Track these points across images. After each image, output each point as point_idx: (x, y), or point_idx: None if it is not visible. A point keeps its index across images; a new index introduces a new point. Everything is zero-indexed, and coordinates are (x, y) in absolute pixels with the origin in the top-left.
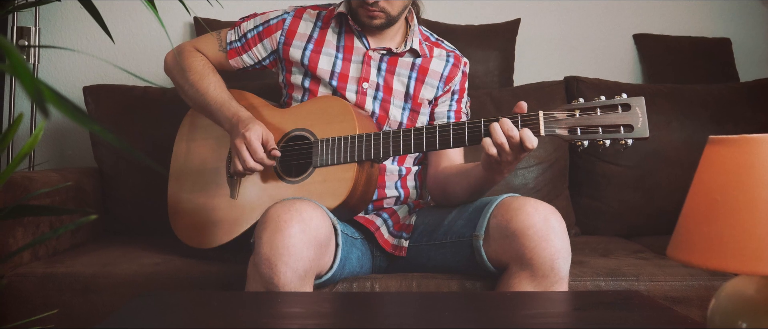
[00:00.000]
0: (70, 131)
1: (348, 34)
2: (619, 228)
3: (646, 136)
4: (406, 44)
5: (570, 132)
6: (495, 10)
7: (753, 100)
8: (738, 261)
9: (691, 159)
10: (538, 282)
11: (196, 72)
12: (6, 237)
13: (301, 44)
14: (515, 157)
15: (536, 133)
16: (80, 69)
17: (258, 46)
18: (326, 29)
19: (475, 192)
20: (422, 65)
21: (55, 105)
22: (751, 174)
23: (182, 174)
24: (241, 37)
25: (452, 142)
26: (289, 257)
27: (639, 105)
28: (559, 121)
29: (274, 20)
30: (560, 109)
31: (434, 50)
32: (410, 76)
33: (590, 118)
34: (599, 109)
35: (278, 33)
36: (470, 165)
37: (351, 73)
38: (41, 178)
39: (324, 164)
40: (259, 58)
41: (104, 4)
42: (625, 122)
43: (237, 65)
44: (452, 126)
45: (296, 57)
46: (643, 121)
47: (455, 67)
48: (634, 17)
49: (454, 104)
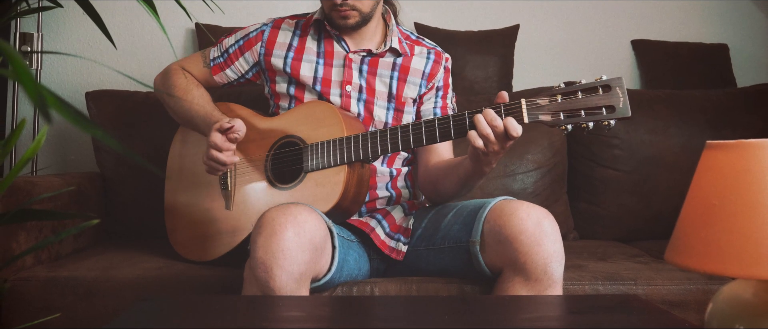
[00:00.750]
0: (73, 136)
1: (327, 39)
2: (618, 233)
3: (628, 115)
4: (385, 44)
5: (553, 117)
6: (494, 16)
7: (750, 105)
8: (735, 265)
9: (688, 164)
10: (532, 286)
11: (180, 88)
12: (9, 242)
13: (281, 53)
14: (501, 147)
15: (520, 121)
16: (82, 74)
17: (240, 59)
18: (305, 37)
19: (465, 185)
20: (403, 64)
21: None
22: (749, 179)
23: (177, 190)
24: (223, 53)
25: (439, 136)
26: (284, 260)
27: (619, 85)
28: (542, 107)
29: (254, 33)
30: (542, 95)
31: (415, 48)
32: (392, 75)
33: (572, 102)
34: (580, 92)
35: (258, 45)
36: (458, 159)
37: (333, 76)
38: (44, 183)
39: (315, 168)
40: (241, 72)
41: (106, 10)
42: (606, 103)
43: (221, 80)
44: (438, 120)
45: (278, 66)
46: (625, 100)
47: (437, 64)
48: (632, 23)
49: (439, 101)
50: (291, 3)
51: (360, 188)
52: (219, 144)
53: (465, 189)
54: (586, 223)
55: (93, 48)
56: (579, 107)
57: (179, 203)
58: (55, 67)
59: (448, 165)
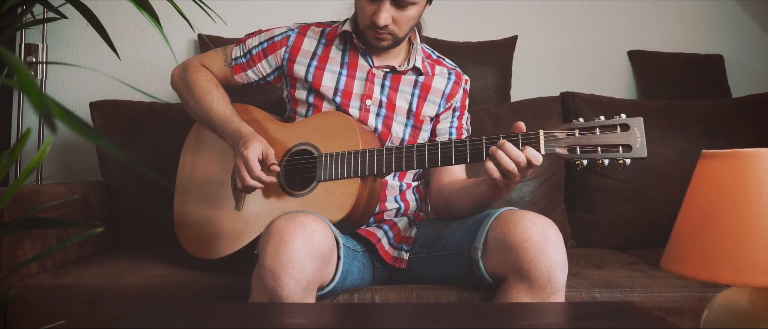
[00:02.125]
0: (77, 146)
1: (352, 52)
2: (614, 241)
3: (644, 156)
4: (409, 62)
5: (569, 151)
6: (493, 27)
7: (745, 115)
8: (730, 272)
9: (684, 173)
10: (536, 294)
11: (200, 87)
12: (15, 249)
13: (305, 61)
14: (523, 176)
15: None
16: (87, 85)
17: (263, 62)
18: (330, 46)
19: (479, 207)
20: (424, 83)
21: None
22: (743, 187)
23: (188, 186)
24: (246, 53)
25: (454, 159)
26: (292, 269)
27: (638, 125)
28: (559, 140)
29: (279, 37)
30: (560, 128)
31: (436, 68)
32: (413, 93)
33: (589, 138)
34: (598, 128)
35: (282, 49)
36: (473, 182)
37: (355, 89)
38: (49, 192)
39: (328, 178)
40: (263, 74)
41: (110, 21)
42: (623, 142)
43: (242, 81)
44: (454, 143)
45: (300, 73)
46: (642, 141)
47: (457, 85)
48: (629, 34)
49: (455, 121)
50: (292, 13)
51: (371, 201)
52: (264, 177)
53: (478, 211)
54: (584, 232)
55: (97, 58)
56: (596, 144)
57: (190, 199)
58: (59, 78)
59: (461, 186)
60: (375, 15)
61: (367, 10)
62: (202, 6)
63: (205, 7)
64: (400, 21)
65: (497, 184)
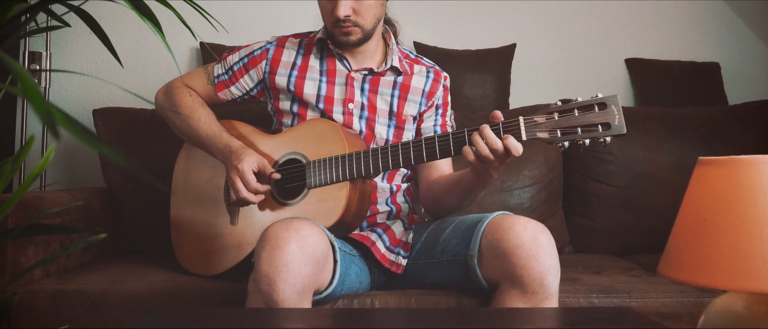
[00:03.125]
0: (80, 152)
1: (329, 58)
2: (612, 247)
3: (624, 132)
4: (386, 63)
5: (550, 134)
6: (491, 35)
7: (741, 122)
8: (727, 278)
9: (681, 179)
10: (529, 299)
11: (186, 107)
12: (18, 255)
13: (285, 72)
14: (501, 163)
15: (518, 139)
16: (90, 92)
17: (244, 77)
18: (308, 55)
19: (467, 197)
20: (404, 83)
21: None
22: (740, 194)
23: (182, 205)
24: (227, 70)
25: (439, 153)
26: (287, 274)
27: (614, 102)
28: (539, 124)
29: (258, 51)
30: (539, 113)
31: (415, 67)
32: (393, 94)
33: (569, 119)
34: (577, 109)
35: (263, 63)
36: (460, 173)
37: (336, 95)
38: (52, 198)
39: (318, 184)
40: (246, 89)
41: (113, 29)
42: (602, 120)
43: (225, 97)
44: (437, 138)
45: (282, 84)
46: (620, 118)
47: (436, 82)
48: (626, 42)
49: (439, 118)
50: (292, 22)
51: (362, 203)
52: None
53: (467, 202)
54: (581, 237)
55: (100, 66)
56: (575, 124)
57: (185, 218)
58: (63, 85)
59: (449, 180)
60: (335, 9)
61: (327, 8)
62: (204, 14)
63: (207, 15)
64: (360, 10)
65: (476, 169)
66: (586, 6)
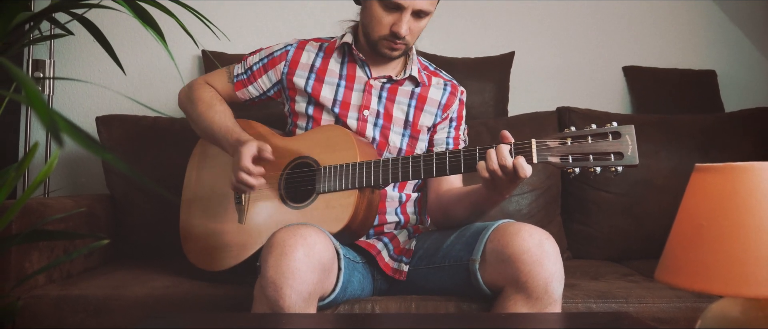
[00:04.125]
0: (84, 159)
1: (350, 63)
2: (610, 253)
3: (636, 164)
4: (405, 72)
5: (562, 159)
6: (490, 43)
7: (737, 129)
8: (723, 283)
9: (678, 186)
10: (533, 304)
11: (204, 102)
12: (22, 261)
13: (304, 73)
14: (510, 182)
15: (529, 161)
16: (93, 100)
17: (263, 77)
18: (328, 59)
19: (476, 212)
20: (421, 93)
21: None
22: (736, 200)
23: (193, 200)
24: (247, 70)
25: (449, 169)
26: (294, 280)
27: (629, 133)
28: (551, 149)
29: (278, 52)
30: (552, 137)
31: (433, 79)
32: (409, 103)
33: (581, 146)
34: (590, 136)
35: (282, 64)
36: (470, 188)
37: (352, 100)
38: (56, 204)
39: (327, 190)
40: (264, 89)
41: (116, 37)
42: (615, 149)
43: (244, 96)
44: (449, 154)
45: (300, 85)
46: (633, 148)
47: (452, 96)
48: (624, 50)
49: (452, 131)
50: (294, 29)
51: (369, 212)
52: (251, 168)
53: (474, 217)
54: (580, 244)
55: (103, 74)
56: (588, 151)
57: (194, 213)
58: (66, 93)
59: (459, 193)
60: (395, 25)
61: (385, 21)
62: (206, 23)
63: (209, 23)
64: (414, 31)
65: (488, 185)
66: (585, 15)
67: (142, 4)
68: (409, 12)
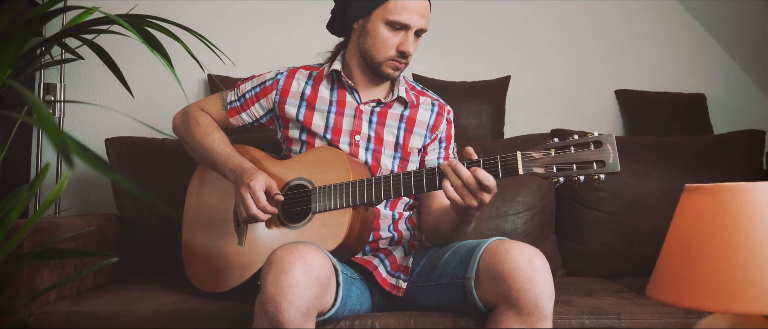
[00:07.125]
0: (93, 180)
1: (340, 90)
2: (602, 270)
3: (618, 171)
4: (393, 94)
5: (546, 169)
6: (487, 67)
7: (726, 150)
8: (712, 300)
9: (669, 206)
10: (524, 320)
11: (201, 129)
12: (34, 278)
13: (295, 102)
14: (475, 197)
15: (515, 173)
16: (102, 122)
17: (256, 105)
18: (318, 86)
19: (455, 231)
20: (410, 116)
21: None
22: (725, 220)
23: (194, 225)
24: (240, 97)
25: (438, 183)
26: (292, 296)
27: (610, 142)
28: (536, 160)
29: (269, 81)
30: (537, 148)
31: (420, 98)
32: (399, 127)
33: (565, 156)
34: (573, 147)
35: (273, 93)
36: (448, 206)
37: (344, 126)
38: (66, 223)
39: (322, 210)
40: (256, 116)
41: (125, 62)
42: (597, 158)
43: (237, 123)
44: (437, 170)
45: (291, 114)
46: (614, 156)
47: (439, 116)
48: (616, 74)
49: (442, 151)
50: (296, 54)
51: (364, 229)
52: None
53: (457, 235)
54: (573, 261)
55: (112, 97)
56: (571, 161)
57: (195, 237)
58: (76, 115)
59: (444, 212)
60: (402, 45)
61: (390, 41)
62: (212, 48)
63: (215, 48)
64: (415, 48)
65: (454, 205)
66: (578, 40)
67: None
68: (413, 31)
